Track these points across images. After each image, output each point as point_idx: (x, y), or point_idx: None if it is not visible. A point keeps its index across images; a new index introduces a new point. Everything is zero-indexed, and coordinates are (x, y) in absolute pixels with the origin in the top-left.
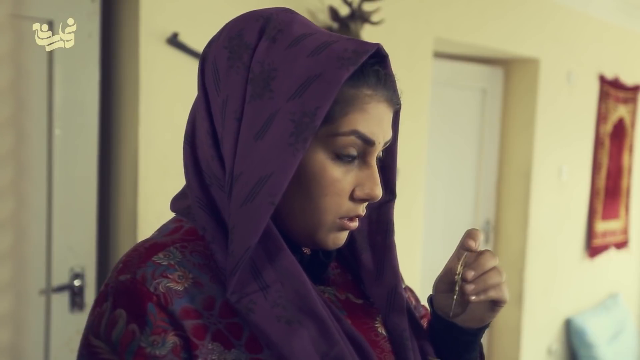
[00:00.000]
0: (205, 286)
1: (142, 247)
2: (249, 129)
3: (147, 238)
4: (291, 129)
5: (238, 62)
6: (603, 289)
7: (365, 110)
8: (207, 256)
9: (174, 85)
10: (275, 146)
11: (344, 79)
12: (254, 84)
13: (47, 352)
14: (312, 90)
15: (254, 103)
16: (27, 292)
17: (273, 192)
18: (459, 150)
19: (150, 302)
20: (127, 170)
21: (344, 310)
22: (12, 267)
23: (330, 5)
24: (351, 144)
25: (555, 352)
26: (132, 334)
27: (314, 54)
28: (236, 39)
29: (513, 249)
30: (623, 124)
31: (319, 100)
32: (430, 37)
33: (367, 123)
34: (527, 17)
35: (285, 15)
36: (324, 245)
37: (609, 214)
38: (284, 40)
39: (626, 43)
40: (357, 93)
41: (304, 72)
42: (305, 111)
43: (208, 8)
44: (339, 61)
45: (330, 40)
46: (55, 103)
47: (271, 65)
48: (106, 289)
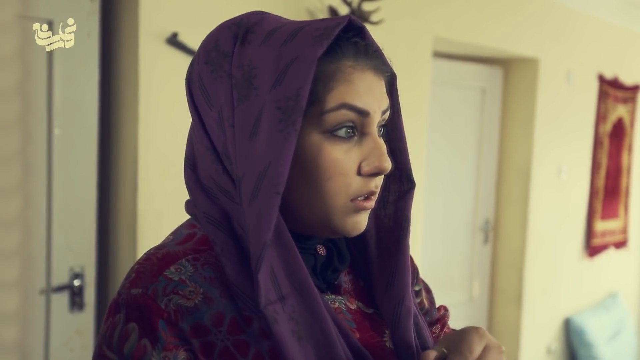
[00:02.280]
0: (215, 301)
1: (154, 256)
2: (242, 131)
3: (161, 244)
4: (279, 116)
5: (220, 72)
6: (602, 288)
7: (350, 81)
8: (219, 268)
9: (173, 84)
10: (268, 137)
11: (319, 54)
12: (238, 88)
13: (47, 352)
14: (291, 73)
15: (242, 106)
16: (32, 289)
17: (275, 181)
18: (459, 149)
19: (162, 319)
20: (126, 170)
21: (354, 322)
22: (19, 264)
23: (330, 5)
24: (344, 119)
25: (555, 351)
26: (144, 348)
27: (287, 41)
28: (213, 51)
29: (512, 248)
30: (622, 123)
31: (300, 81)
32: (430, 36)
33: (356, 94)
34: (527, 16)
35: (255, 16)
36: (345, 232)
37: (608, 214)
38: (257, 39)
39: (625, 43)
40: (338, 67)
41: (281, 61)
42: (288, 95)
43: (207, 8)
44: (312, 40)
45: (302, 26)
46: (55, 102)
47: (250, 64)
48: (119, 300)
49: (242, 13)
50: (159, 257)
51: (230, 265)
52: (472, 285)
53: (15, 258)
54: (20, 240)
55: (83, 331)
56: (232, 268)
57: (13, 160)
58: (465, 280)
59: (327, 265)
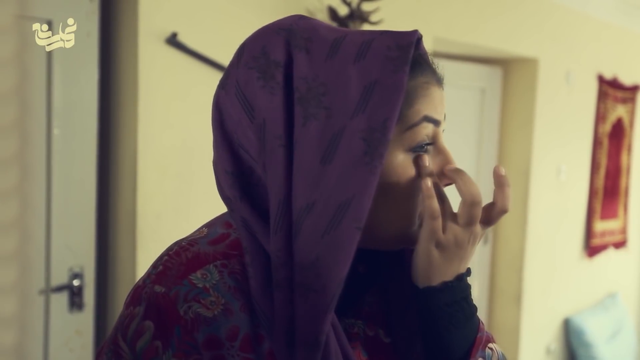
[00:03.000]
0: (235, 314)
1: (185, 254)
2: (310, 154)
3: (193, 237)
4: (364, 148)
5: (271, 82)
6: (602, 288)
7: (428, 95)
8: (245, 278)
9: (173, 85)
10: (350, 168)
11: (405, 83)
12: (303, 104)
13: (46, 352)
14: (375, 101)
15: (310, 125)
16: (30, 292)
17: (358, 216)
18: (458, 149)
19: (178, 325)
20: (126, 170)
21: (367, 351)
22: (17, 267)
23: (330, 5)
24: (424, 133)
25: (554, 351)
26: (156, 350)
27: (358, 58)
28: (261, 57)
29: (512, 248)
30: (622, 123)
31: (386, 112)
32: (429, 36)
33: (433, 106)
34: (526, 16)
35: (305, 22)
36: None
37: (607, 214)
38: (320, 50)
39: (625, 43)
40: (415, 83)
41: (358, 82)
42: (373, 127)
43: (207, 8)
44: (390, 62)
45: (368, 40)
46: (54, 103)
47: (317, 80)
48: (142, 291)
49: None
50: (189, 257)
51: (256, 278)
52: (471, 285)
53: (15, 258)
54: (19, 241)
55: (82, 331)
56: (256, 282)
57: (11, 162)
58: None
59: (354, 285)
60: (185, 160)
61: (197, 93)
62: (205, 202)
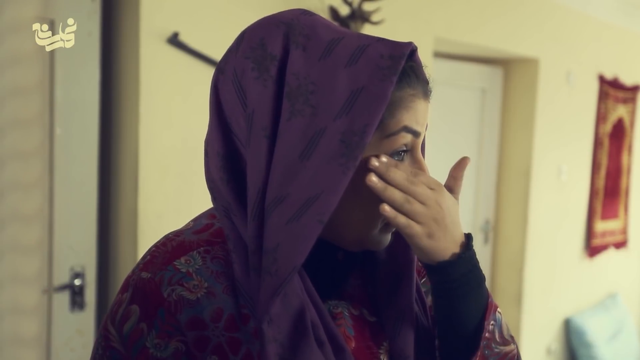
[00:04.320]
0: (217, 297)
1: (170, 243)
2: (290, 149)
3: (180, 229)
4: (341, 150)
5: (265, 75)
6: (602, 288)
7: (411, 107)
8: (227, 262)
9: (174, 84)
10: (325, 167)
11: (389, 92)
12: (292, 99)
13: (48, 351)
14: (359, 106)
15: (295, 121)
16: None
17: (322, 210)
18: (459, 149)
19: (162, 308)
20: (127, 169)
21: (353, 329)
22: (18, 265)
23: (331, 5)
24: (403, 141)
25: (555, 351)
26: (141, 332)
27: (350, 63)
28: (258, 48)
29: (512, 248)
30: (622, 124)
31: (368, 118)
32: (430, 36)
33: (414, 118)
34: (527, 16)
35: (306, 18)
36: (375, 247)
37: (608, 214)
38: (316, 49)
39: (625, 43)
40: (401, 94)
41: (346, 86)
42: (354, 130)
43: (208, 7)
44: (380, 71)
45: (363, 44)
46: (56, 102)
47: (308, 78)
48: (129, 280)
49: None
50: (174, 245)
51: (239, 263)
52: None
53: (15, 258)
54: (20, 240)
55: (84, 331)
56: (239, 266)
57: (13, 160)
58: None
59: (336, 271)
60: (187, 159)
61: (198, 92)
62: (206, 201)
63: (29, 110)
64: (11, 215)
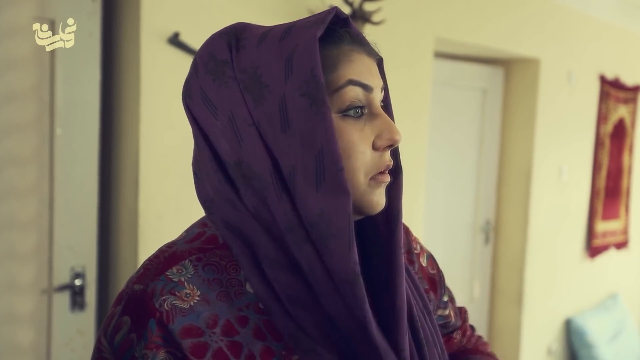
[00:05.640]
0: (211, 303)
1: (163, 255)
2: (271, 128)
3: (173, 241)
4: (307, 102)
5: (224, 78)
6: (603, 289)
7: (352, 60)
8: (220, 268)
9: (174, 84)
10: (306, 124)
11: (318, 34)
12: (249, 91)
13: (48, 352)
14: (297, 59)
15: (261, 106)
16: (34, 290)
17: (334, 159)
18: (460, 150)
19: (153, 319)
20: (127, 170)
21: None
22: (17, 267)
23: (331, 5)
24: (352, 95)
25: (555, 352)
26: (131, 342)
27: (283, 37)
28: (211, 61)
29: (513, 249)
30: (623, 124)
31: (308, 62)
32: (431, 37)
33: (358, 71)
34: (528, 17)
35: (238, 24)
36: (368, 209)
37: (609, 214)
38: (251, 42)
39: (626, 43)
40: (338, 50)
41: (284, 53)
42: (305, 79)
43: (209, 7)
44: (308, 28)
45: (293, 23)
46: (57, 102)
47: (252, 65)
48: (122, 293)
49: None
50: (166, 256)
51: (247, 267)
52: (472, 286)
53: (16, 258)
54: (20, 241)
55: (84, 331)
56: (248, 269)
57: (14, 160)
58: (465, 281)
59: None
60: (187, 159)
61: None
62: None
63: (27, 113)
64: (7, 222)
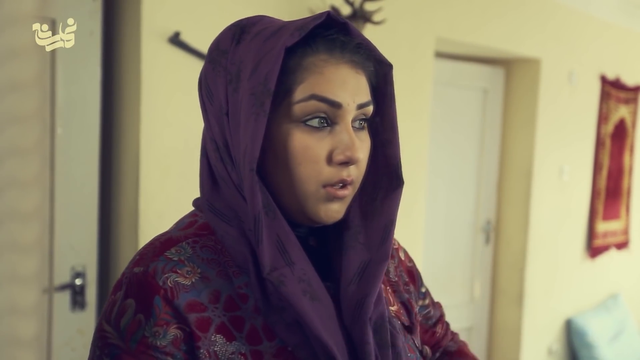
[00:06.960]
0: (212, 280)
1: (157, 241)
2: (233, 120)
3: (164, 232)
4: (253, 101)
5: (219, 68)
6: (604, 289)
7: (322, 73)
8: (217, 251)
9: (175, 84)
10: (245, 122)
11: (288, 44)
12: (232, 83)
13: (49, 351)
14: (263, 62)
15: (233, 98)
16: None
17: (249, 158)
18: (460, 150)
19: (158, 295)
20: (128, 169)
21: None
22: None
23: (332, 5)
24: (314, 109)
25: (556, 352)
26: (139, 323)
27: (269, 37)
28: (215, 50)
29: (514, 249)
30: (624, 124)
31: (268, 67)
32: (432, 36)
33: (327, 86)
34: (528, 17)
35: (254, 18)
36: (318, 218)
37: (609, 215)
38: (248, 37)
39: (628, 43)
40: (312, 60)
41: (260, 54)
42: (259, 81)
43: (210, 7)
44: (289, 33)
45: (287, 24)
46: (57, 101)
47: (239, 60)
48: (121, 279)
49: (242, 13)
50: (162, 241)
51: (231, 245)
52: (473, 286)
53: (13, 257)
54: (18, 239)
55: (85, 330)
56: (233, 248)
57: (11, 156)
58: (466, 281)
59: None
60: (188, 159)
61: None
62: None
63: (27, 106)
64: (9, 214)
